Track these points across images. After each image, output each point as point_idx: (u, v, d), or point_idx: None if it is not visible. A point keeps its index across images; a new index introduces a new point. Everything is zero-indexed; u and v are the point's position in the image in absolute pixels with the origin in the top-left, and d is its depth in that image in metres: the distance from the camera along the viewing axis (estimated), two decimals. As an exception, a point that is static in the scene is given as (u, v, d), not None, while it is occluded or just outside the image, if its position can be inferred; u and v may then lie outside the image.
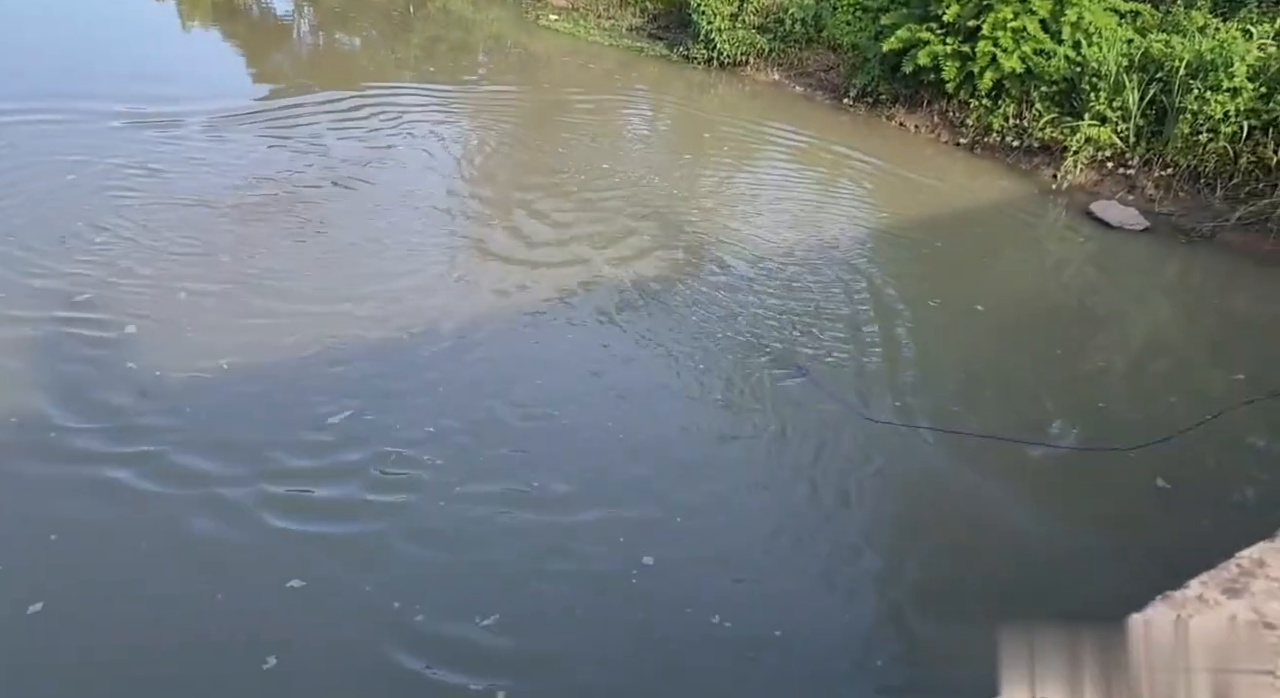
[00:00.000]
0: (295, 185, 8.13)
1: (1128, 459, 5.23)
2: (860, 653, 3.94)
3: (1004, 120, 10.53)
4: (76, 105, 9.36)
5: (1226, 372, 6.51)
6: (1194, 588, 1.54)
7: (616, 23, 15.48)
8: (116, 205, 7.36)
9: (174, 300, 6.14)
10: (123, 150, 8.47)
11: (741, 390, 5.73)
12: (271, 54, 13.42)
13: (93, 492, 4.44)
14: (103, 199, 7.44)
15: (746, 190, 9.25)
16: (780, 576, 4.33)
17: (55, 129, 8.81)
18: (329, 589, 4.00)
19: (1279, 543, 1.66)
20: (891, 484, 5.07)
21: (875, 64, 11.71)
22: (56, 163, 7.99)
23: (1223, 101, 8.84)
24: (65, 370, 5.32)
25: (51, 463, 4.61)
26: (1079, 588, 4.31)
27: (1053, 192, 9.77)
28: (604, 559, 4.30)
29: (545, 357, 5.95)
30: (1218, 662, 1.35)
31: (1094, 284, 8.04)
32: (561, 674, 3.73)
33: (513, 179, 8.93)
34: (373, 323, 6.10)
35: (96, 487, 4.47)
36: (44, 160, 8.03)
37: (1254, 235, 8.51)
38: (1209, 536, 4.72)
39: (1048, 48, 10.17)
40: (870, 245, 8.20)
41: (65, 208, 7.20)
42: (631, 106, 12.30)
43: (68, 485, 4.47)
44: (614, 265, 7.22)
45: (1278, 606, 1.51)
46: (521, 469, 4.83)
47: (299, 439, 4.90)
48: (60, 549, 4.11)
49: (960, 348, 6.65)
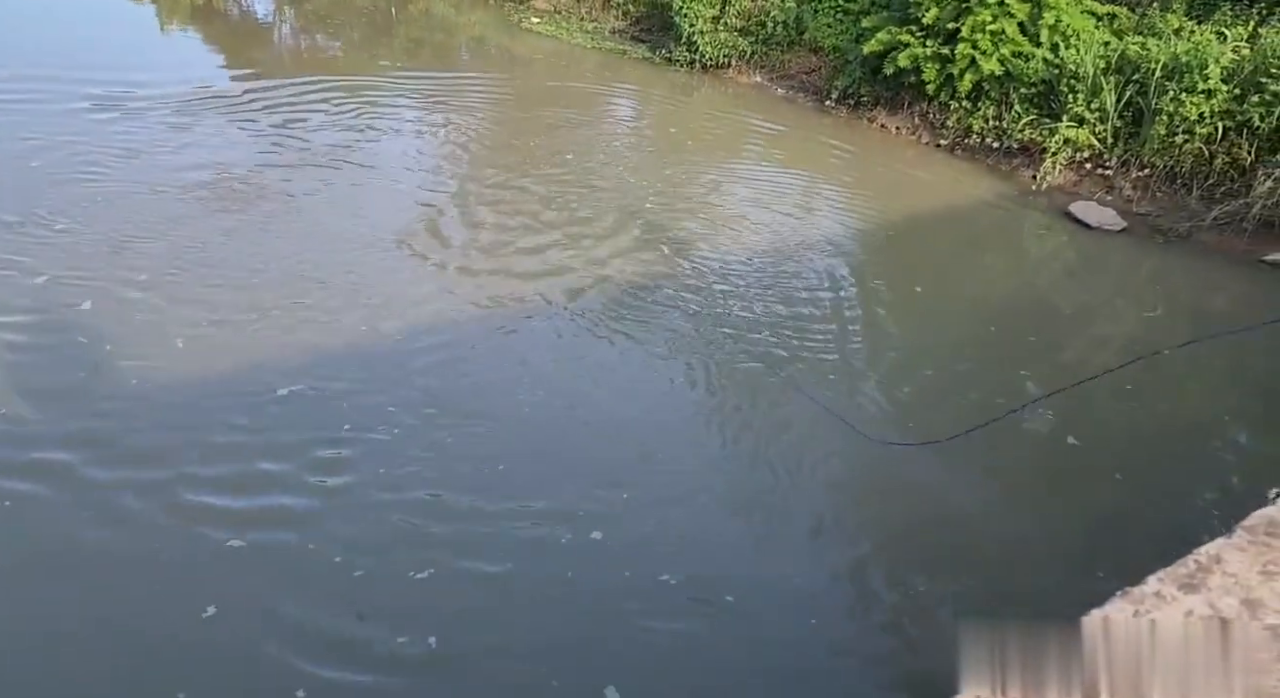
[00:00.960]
0: (255, 173, 8.21)
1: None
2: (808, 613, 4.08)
3: (984, 122, 10.61)
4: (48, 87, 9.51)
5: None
6: (1151, 585, 1.56)
7: (599, 25, 15.49)
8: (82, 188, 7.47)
9: (130, 288, 6.16)
10: (90, 134, 8.58)
11: (716, 385, 5.78)
12: (250, 53, 13.34)
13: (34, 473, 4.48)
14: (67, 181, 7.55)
15: (727, 192, 9.27)
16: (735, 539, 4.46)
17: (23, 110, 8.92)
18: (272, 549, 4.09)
19: (1235, 540, 1.68)
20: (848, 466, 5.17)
21: (856, 66, 11.78)
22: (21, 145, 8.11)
23: (1198, 103, 8.94)
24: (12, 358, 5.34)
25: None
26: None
27: (1032, 192, 9.86)
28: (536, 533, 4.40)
29: (516, 349, 5.95)
30: (1177, 659, 1.36)
31: (1069, 284, 8.12)
32: (491, 628, 3.81)
33: (486, 174, 8.92)
34: (337, 316, 6.13)
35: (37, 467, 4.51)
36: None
37: (1229, 235, 8.61)
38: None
39: (1026, 50, 10.26)
40: (849, 246, 8.24)
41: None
42: (612, 108, 12.31)
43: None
44: (590, 264, 7.21)
45: (1233, 601, 1.53)
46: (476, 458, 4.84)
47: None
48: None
49: (934, 345, 6.70)
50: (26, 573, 3.95)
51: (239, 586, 3.94)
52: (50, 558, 4.03)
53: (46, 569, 3.97)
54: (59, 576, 3.94)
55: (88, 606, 3.80)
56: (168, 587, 3.92)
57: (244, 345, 5.68)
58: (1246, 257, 8.36)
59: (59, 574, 3.95)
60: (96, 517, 4.24)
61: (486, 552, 4.24)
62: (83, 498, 4.34)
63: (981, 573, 4.47)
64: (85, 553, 4.04)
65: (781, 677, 3.77)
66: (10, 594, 3.85)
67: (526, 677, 3.66)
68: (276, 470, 4.64)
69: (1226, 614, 1.47)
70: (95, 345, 5.51)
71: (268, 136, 9.19)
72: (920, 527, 4.76)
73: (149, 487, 4.44)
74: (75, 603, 3.81)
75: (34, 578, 3.93)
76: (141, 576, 3.96)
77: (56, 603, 3.81)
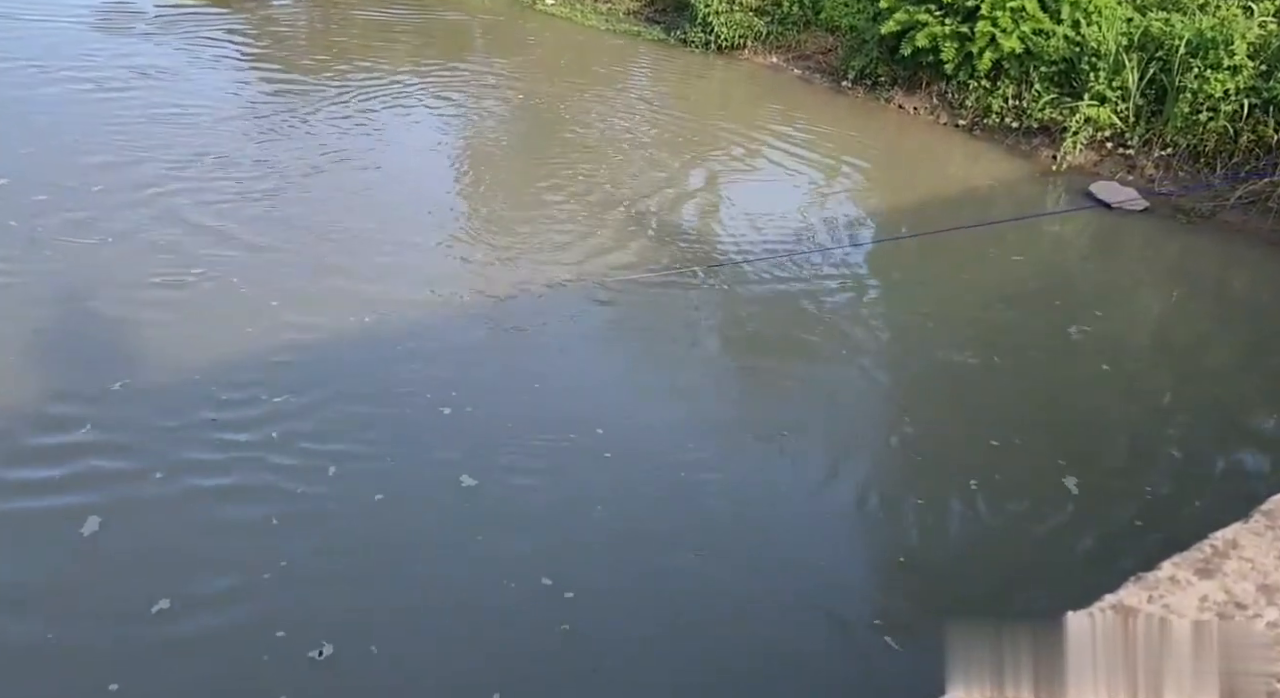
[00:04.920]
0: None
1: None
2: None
3: (1003, 101, 10.46)
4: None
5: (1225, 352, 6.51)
6: (1166, 569, 1.54)
7: (614, 6, 15.38)
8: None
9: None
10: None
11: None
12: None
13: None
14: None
15: (746, 172, 9.22)
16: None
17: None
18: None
19: (1252, 524, 1.67)
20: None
21: (873, 46, 11.64)
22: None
23: (1223, 80, 8.77)
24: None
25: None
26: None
27: (1052, 173, 9.73)
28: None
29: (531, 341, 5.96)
30: (1173, 654, 1.35)
31: (1090, 264, 8.02)
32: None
33: (500, 156, 8.91)
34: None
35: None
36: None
37: (1254, 215, 8.46)
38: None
39: (1047, 27, 10.09)
40: (866, 229, 8.18)
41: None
42: (626, 90, 12.23)
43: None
44: (598, 253, 7.16)
45: (1248, 586, 1.51)
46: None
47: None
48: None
49: (951, 328, 6.65)
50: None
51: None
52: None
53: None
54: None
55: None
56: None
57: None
58: (1272, 236, 8.22)
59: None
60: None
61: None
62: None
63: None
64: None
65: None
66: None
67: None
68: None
69: (1242, 600, 1.46)
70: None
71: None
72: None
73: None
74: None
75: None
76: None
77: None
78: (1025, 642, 1.21)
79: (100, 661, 3.45)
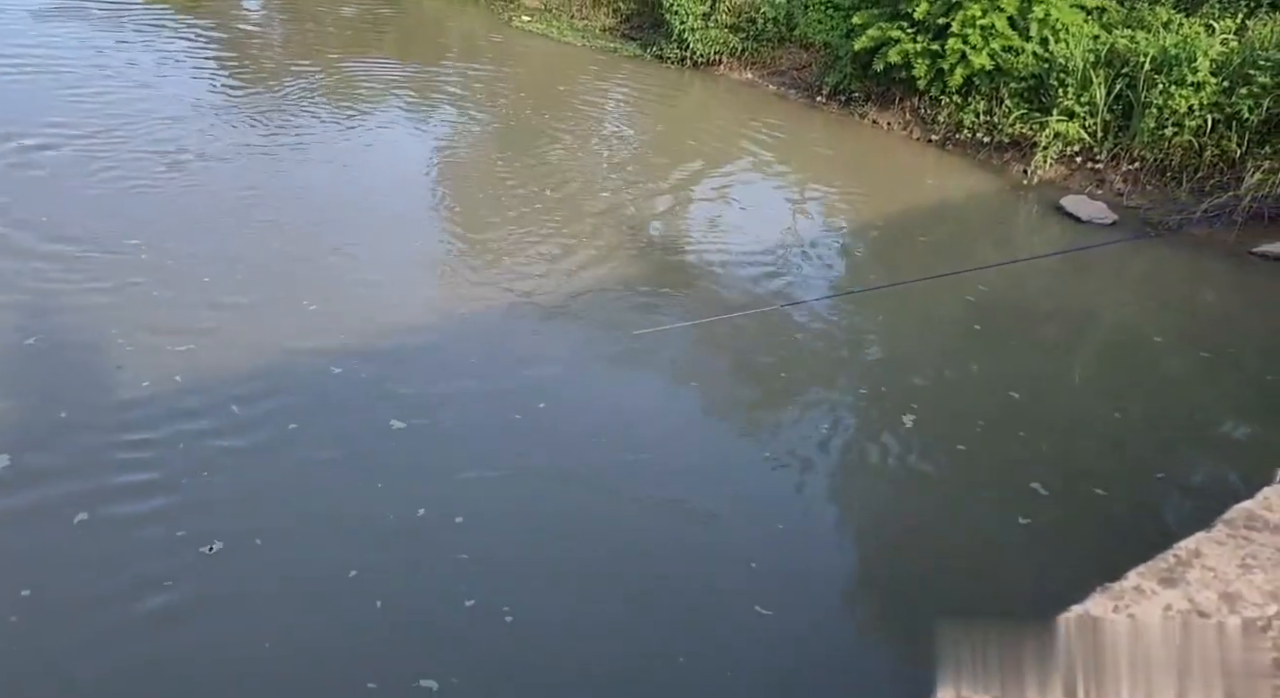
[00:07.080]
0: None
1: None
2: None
3: (975, 117, 10.62)
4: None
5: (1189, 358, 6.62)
6: (1131, 579, 1.57)
7: (590, 23, 15.47)
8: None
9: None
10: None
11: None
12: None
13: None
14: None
15: (715, 189, 9.28)
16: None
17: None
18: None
19: (1215, 533, 1.70)
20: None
21: (847, 62, 11.78)
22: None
23: (1186, 96, 8.96)
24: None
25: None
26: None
27: (1023, 187, 9.87)
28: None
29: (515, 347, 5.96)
30: (1155, 656, 1.37)
31: (1060, 277, 8.13)
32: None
33: (470, 171, 8.92)
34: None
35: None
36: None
37: (1219, 228, 8.63)
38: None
39: (1016, 44, 10.28)
40: (839, 243, 8.26)
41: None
42: (602, 107, 12.29)
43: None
44: (577, 266, 7.19)
45: (1211, 594, 1.54)
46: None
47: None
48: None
49: (929, 338, 6.73)
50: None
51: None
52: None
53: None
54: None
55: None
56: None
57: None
58: (1236, 248, 8.38)
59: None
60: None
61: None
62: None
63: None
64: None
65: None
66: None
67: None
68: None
69: (1205, 608, 1.49)
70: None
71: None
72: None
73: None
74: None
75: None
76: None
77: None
78: (1014, 642, 1.23)
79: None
